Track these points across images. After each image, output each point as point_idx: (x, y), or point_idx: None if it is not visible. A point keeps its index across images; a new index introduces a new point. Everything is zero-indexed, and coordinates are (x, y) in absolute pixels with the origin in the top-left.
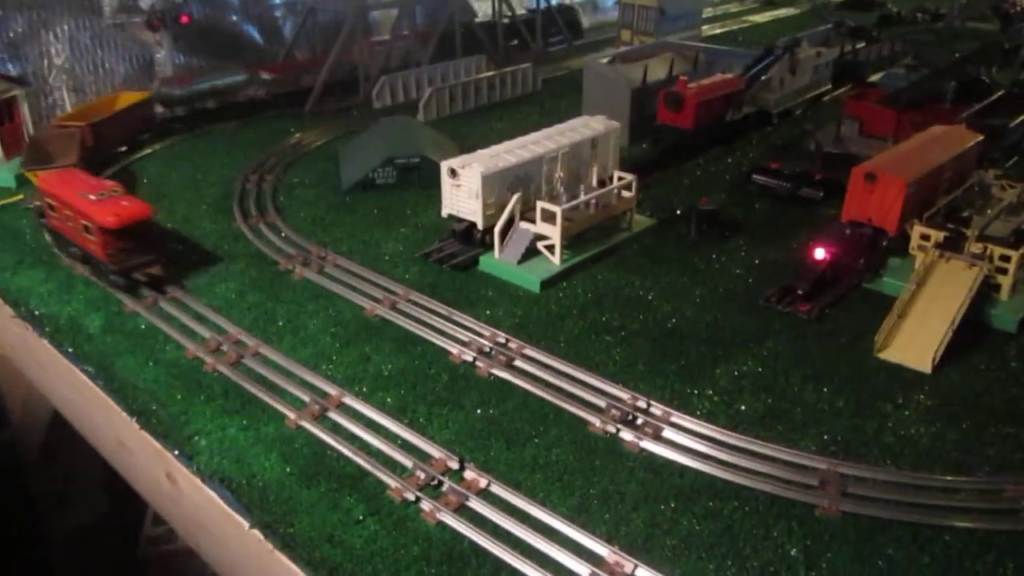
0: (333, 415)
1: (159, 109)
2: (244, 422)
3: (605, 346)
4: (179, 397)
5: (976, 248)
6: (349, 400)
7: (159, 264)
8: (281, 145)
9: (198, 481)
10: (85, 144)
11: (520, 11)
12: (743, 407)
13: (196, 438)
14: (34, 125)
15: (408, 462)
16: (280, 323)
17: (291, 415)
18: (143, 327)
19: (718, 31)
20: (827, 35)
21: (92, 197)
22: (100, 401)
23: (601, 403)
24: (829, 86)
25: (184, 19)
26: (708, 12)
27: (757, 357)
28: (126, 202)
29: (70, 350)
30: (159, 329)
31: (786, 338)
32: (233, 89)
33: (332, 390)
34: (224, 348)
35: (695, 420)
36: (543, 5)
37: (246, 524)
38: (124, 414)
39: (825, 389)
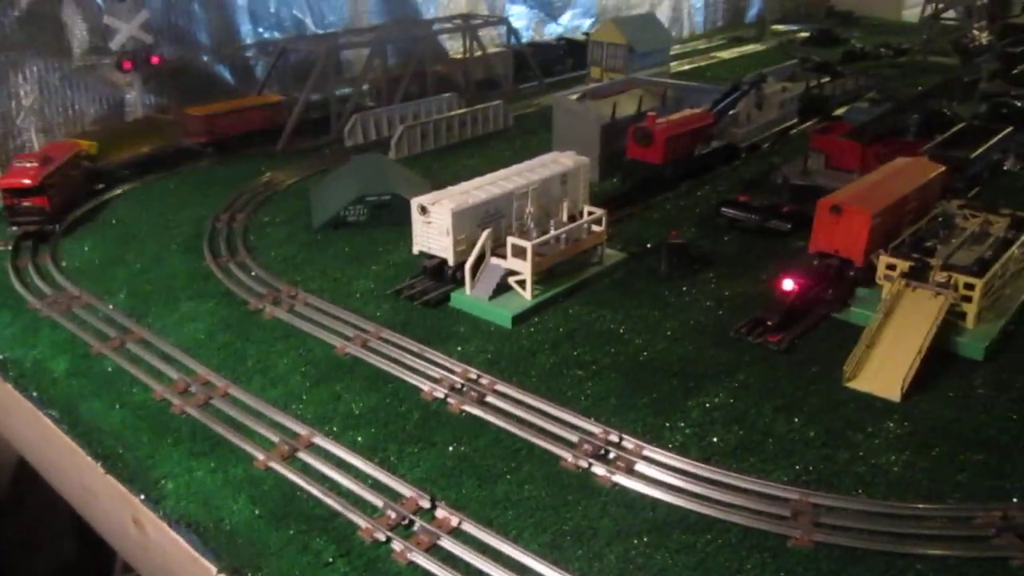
0: (303, 455)
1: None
2: (212, 464)
3: (577, 380)
4: (146, 440)
5: (941, 277)
6: (319, 440)
7: (39, 226)
8: (252, 184)
9: (165, 526)
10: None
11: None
12: (715, 439)
13: (163, 481)
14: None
15: (379, 502)
16: (250, 363)
17: (260, 456)
18: (110, 369)
19: (687, 67)
20: (793, 70)
21: (17, 163)
22: (65, 446)
23: (573, 438)
24: (796, 120)
25: (155, 60)
26: (676, 48)
27: (728, 389)
28: (30, 173)
29: (35, 394)
30: (126, 371)
31: (757, 370)
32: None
33: (302, 430)
34: (192, 389)
35: (667, 453)
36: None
37: (214, 569)
38: (89, 458)
39: (796, 420)
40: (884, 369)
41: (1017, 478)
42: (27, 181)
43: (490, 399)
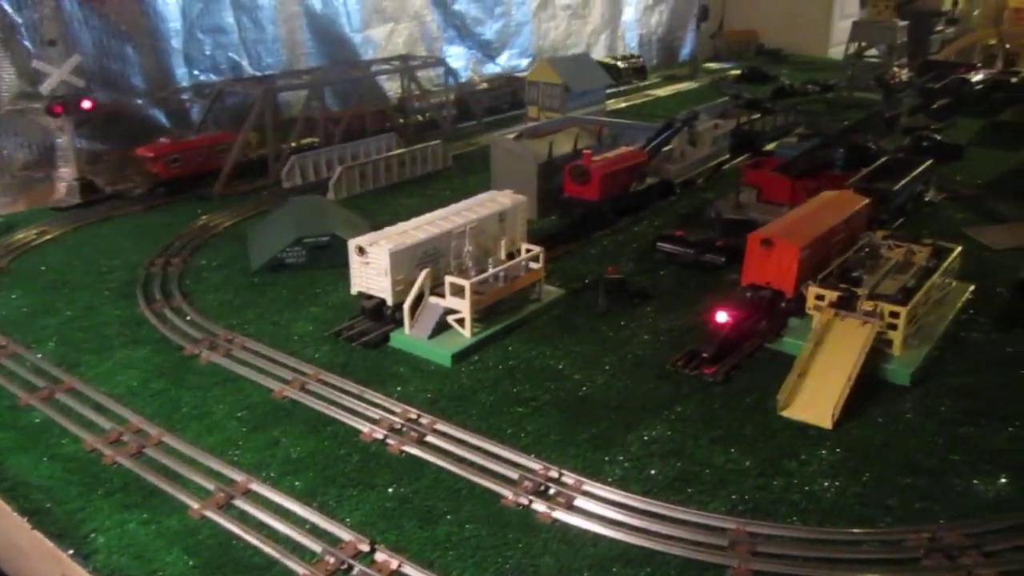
0: (240, 503)
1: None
2: (145, 515)
3: (517, 418)
4: (76, 493)
5: (868, 306)
6: (256, 487)
7: (148, 186)
8: (188, 228)
9: None
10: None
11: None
12: (654, 471)
13: (93, 535)
14: None
15: (317, 547)
16: (185, 410)
17: (195, 505)
18: (38, 420)
19: (622, 105)
20: (725, 107)
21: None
22: None
23: (514, 475)
24: (728, 156)
25: (87, 104)
26: (612, 87)
27: (667, 422)
28: (154, 147)
29: None
30: (56, 422)
31: (694, 402)
32: None
33: (239, 477)
34: (125, 439)
35: (607, 487)
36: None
37: None
38: (16, 514)
39: (733, 450)
40: (816, 397)
41: (944, 500)
42: (149, 154)
43: (430, 439)
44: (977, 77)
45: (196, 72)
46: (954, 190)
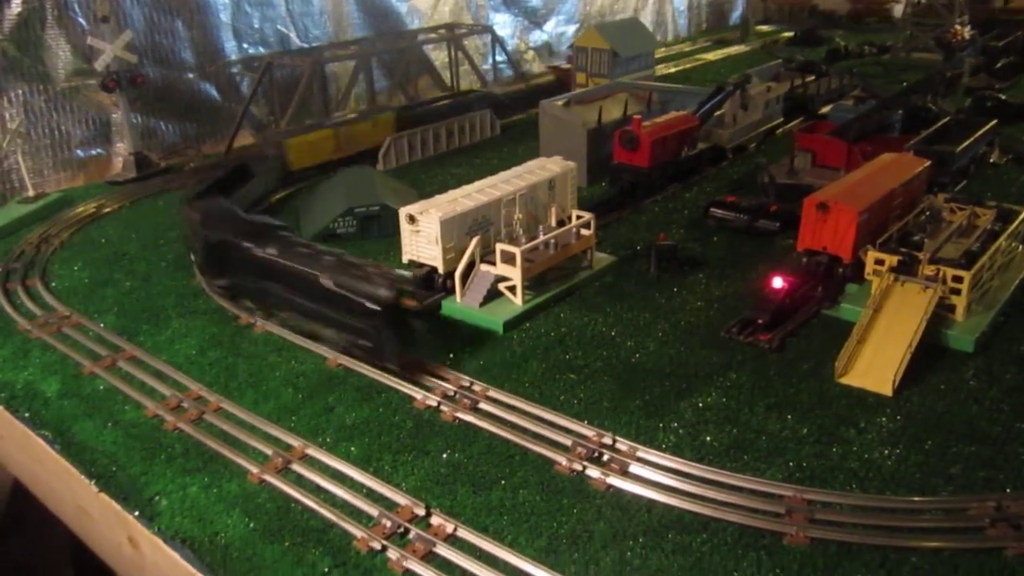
0: (297, 467)
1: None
2: (206, 480)
3: (570, 385)
4: (139, 458)
5: (929, 271)
6: (313, 452)
7: None
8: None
9: (160, 542)
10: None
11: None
12: (708, 439)
13: (157, 499)
14: None
15: (374, 511)
16: (241, 378)
17: (254, 470)
18: (102, 388)
19: (672, 70)
20: (777, 70)
21: None
22: (59, 466)
23: (567, 442)
24: (781, 120)
25: (139, 80)
26: (661, 52)
27: (721, 389)
28: None
29: (27, 415)
30: (118, 390)
31: (748, 369)
32: None
33: (295, 442)
34: (185, 405)
35: (661, 454)
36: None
37: None
38: (83, 478)
39: (789, 417)
40: (875, 364)
41: (1009, 468)
42: None
43: (483, 406)
44: None
45: (245, 45)
46: (1019, 151)
